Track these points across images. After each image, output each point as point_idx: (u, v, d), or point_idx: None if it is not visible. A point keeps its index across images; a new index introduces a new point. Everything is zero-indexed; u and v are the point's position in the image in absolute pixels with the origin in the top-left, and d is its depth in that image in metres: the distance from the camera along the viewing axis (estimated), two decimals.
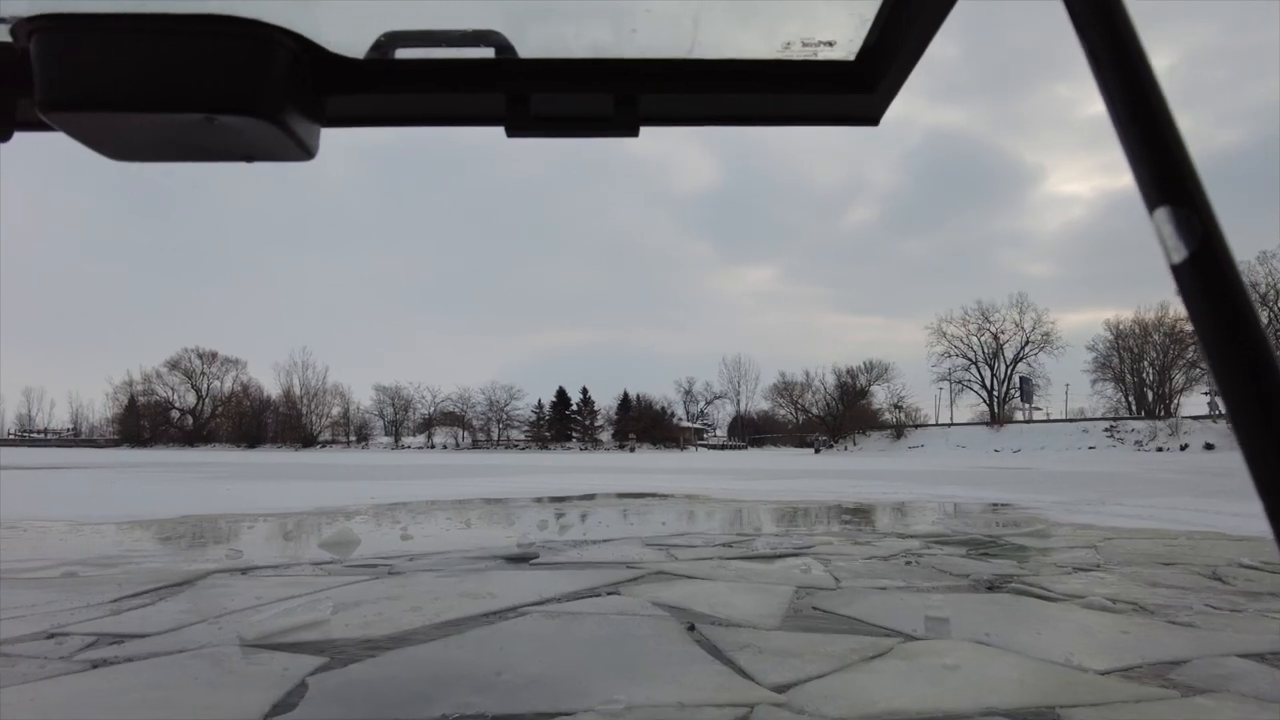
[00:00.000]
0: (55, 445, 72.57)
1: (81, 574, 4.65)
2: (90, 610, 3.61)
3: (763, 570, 4.88)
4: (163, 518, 8.14)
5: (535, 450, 74.60)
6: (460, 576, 4.63)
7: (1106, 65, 0.39)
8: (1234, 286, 0.35)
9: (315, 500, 10.93)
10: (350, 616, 3.50)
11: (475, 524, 7.75)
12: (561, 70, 0.76)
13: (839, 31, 0.74)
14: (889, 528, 7.70)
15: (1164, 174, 0.37)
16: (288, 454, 61.23)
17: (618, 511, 9.46)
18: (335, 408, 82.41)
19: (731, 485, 15.44)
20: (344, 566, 5.05)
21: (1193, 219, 0.36)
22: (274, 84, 0.68)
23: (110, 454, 49.09)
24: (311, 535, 6.81)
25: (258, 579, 4.52)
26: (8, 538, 6.54)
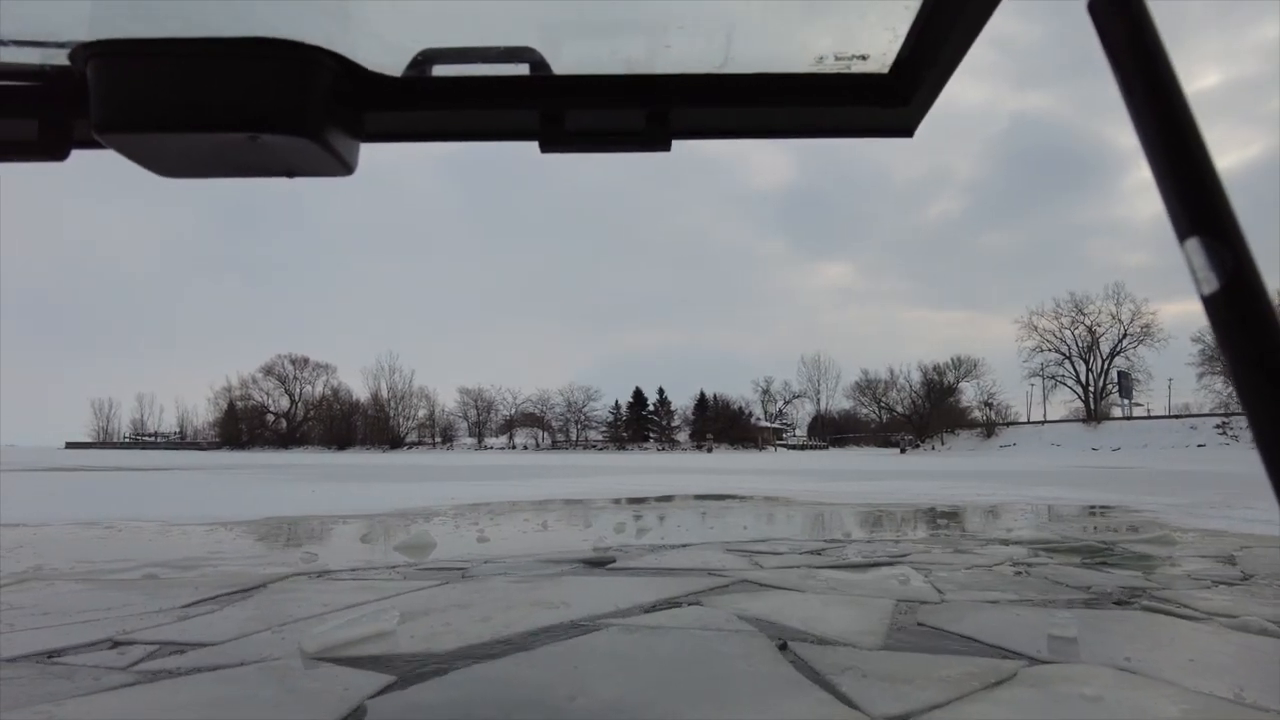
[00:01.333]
0: (164, 448, 76.72)
1: (161, 576, 4.63)
2: (159, 616, 3.53)
3: (857, 581, 4.51)
4: (248, 519, 8.25)
5: (612, 451, 74.83)
6: (533, 582, 4.41)
7: (1140, 95, 0.38)
8: (1265, 319, 0.34)
9: (397, 502, 10.99)
10: (417, 627, 3.32)
11: (552, 526, 7.57)
12: (595, 86, 0.76)
13: (873, 45, 0.73)
14: (990, 533, 7.17)
15: (1196, 205, 0.36)
16: (375, 455, 63.07)
17: (696, 514, 9.15)
18: (421, 410, 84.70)
19: (815, 487, 14.94)
20: (417, 570, 4.91)
21: (1224, 251, 0.35)
22: (315, 103, 0.70)
23: (210, 456, 51.52)
24: (389, 538, 6.74)
25: (329, 583, 4.41)
26: (105, 537, 6.68)
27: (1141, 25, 0.38)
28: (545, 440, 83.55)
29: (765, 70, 0.76)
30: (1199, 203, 0.36)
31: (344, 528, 7.67)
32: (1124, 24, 0.39)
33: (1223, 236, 0.36)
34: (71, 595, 4.06)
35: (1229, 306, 0.35)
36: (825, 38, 0.74)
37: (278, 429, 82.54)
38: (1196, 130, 0.37)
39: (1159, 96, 0.37)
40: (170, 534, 6.98)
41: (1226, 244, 0.35)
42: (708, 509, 9.85)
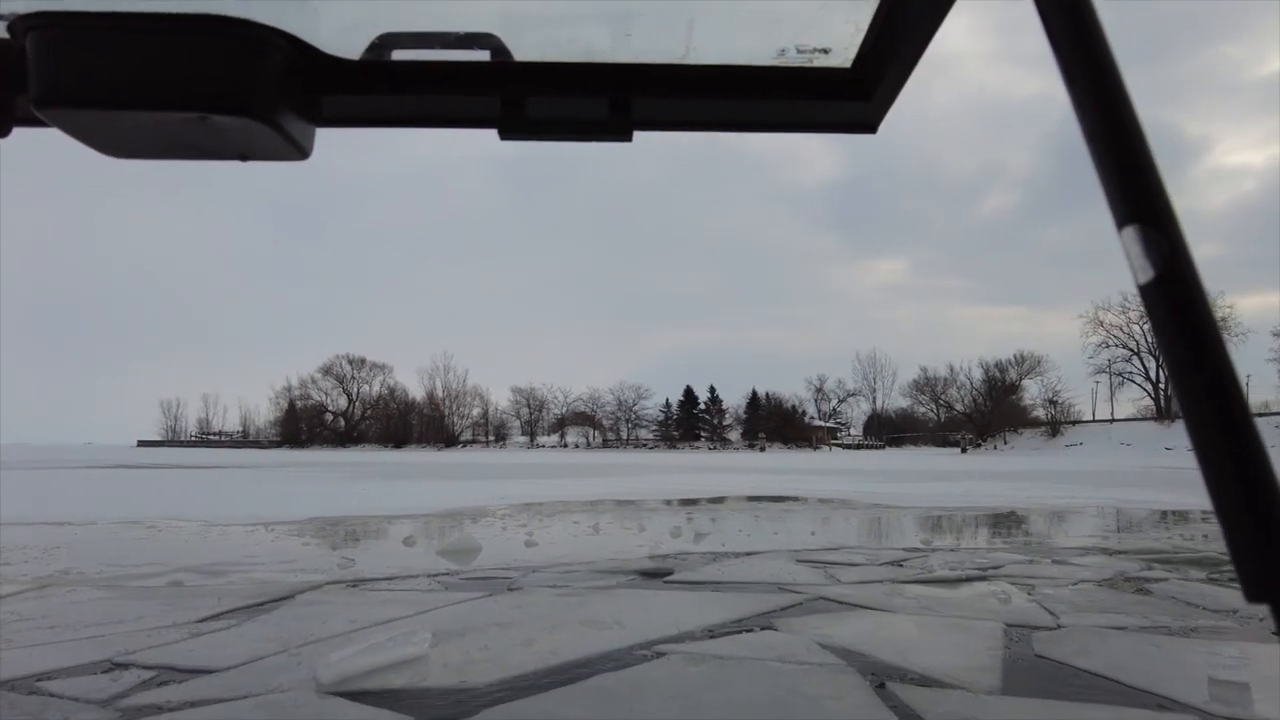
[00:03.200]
0: (227, 446, 78.76)
1: (186, 583, 4.31)
2: (169, 632, 3.17)
3: (951, 599, 3.95)
4: (291, 520, 8.00)
5: (663, 449, 74.30)
6: (583, 596, 3.97)
7: (1082, 85, 0.38)
8: (1199, 307, 0.34)
9: (447, 501, 10.69)
10: (451, 652, 2.89)
11: (604, 529, 7.13)
12: (556, 73, 0.75)
13: (834, 38, 0.72)
14: (1087, 541, 6.50)
15: (1133, 193, 0.36)
16: (430, 454, 63.71)
17: (757, 518, 8.62)
18: (475, 409, 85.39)
19: (878, 489, 14.24)
20: (459, 579, 4.51)
21: (1160, 239, 0.35)
22: (267, 84, 0.67)
23: (270, 454, 52.57)
24: (433, 541, 6.38)
25: (362, 594, 4.02)
26: (143, 539, 6.46)
27: (1085, 17, 0.39)
28: (596, 439, 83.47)
29: (727, 62, 0.76)
30: (1137, 192, 0.36)
31: (388, 529, 7.35)
32: (1068, 16, 0.39)
33: (1159, 225, 0.35)
34: (86, 605, 3.75)
35: (1164, 294, 0.35)
36: (786, 30, 0.73)
37: (336, 428, 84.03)
38: (1136, 121, 0.37)
39: (1101, 87, 0.38)
40: (209, 535, 6.73)
41: (1162, 232, 0.35)
42: (768, 512, 9.30)
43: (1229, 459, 0.32)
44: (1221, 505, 0.32)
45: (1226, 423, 0.33)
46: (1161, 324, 0.35)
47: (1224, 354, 0.34)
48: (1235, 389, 0.33)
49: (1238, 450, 0.32)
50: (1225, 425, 0.33)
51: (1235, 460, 0.32)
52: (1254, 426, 0.33)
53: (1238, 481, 0.32)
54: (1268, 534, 0.31)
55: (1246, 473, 0.32)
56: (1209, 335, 0.34)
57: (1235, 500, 0.32)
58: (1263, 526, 0.31)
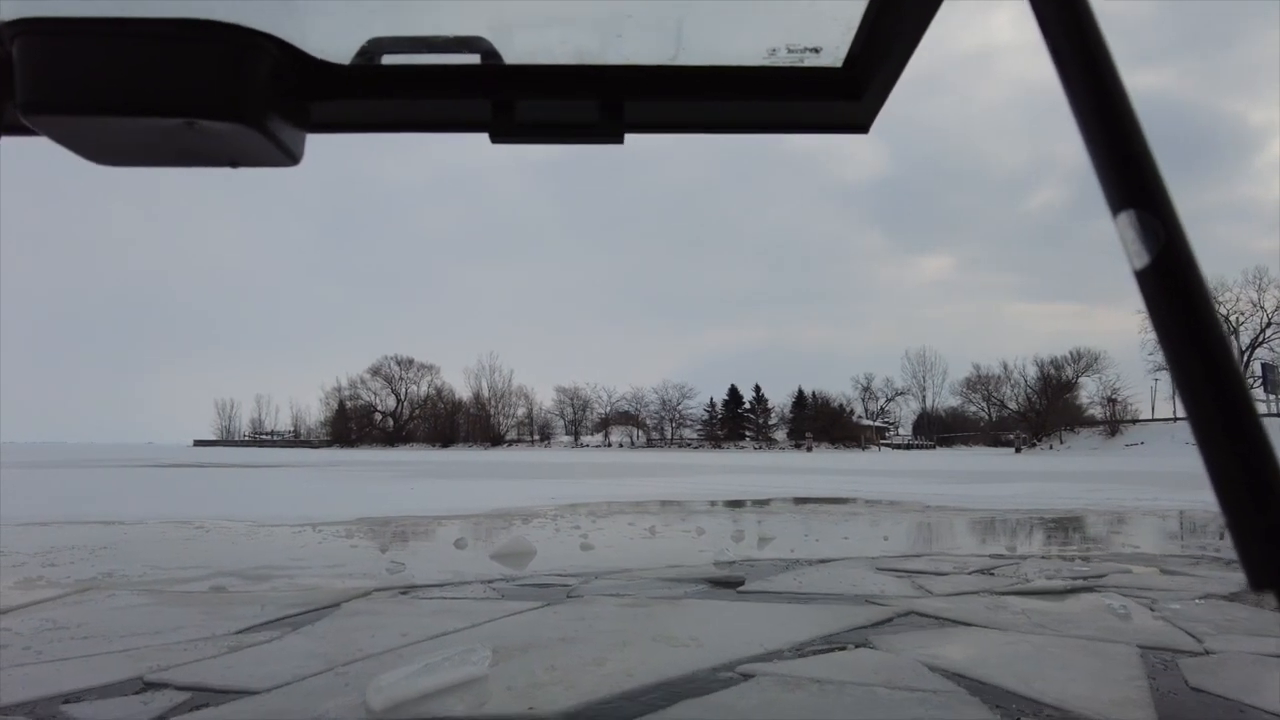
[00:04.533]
0: (279, 445, 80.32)
1: (228, 589, 4.08)
2: (207, 645, 2.91)
3: (1061, 613, 3.53)
4: (340, 520, 7.81)
5: (709, 449, 73.67)
6: (651, 607, 3.63)
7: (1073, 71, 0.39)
8: (1196, 291, 0.34)
9: (495, 501, 10.47)
10: (513, 672, 2.57)
11: (661, 532, 6.79)
12: (547, 76, 0.75)
13: (825, 38, 0.72)
14: (1193, 548, 5.97)
15: (1128, 179, 0.36)
16: (476, 453, 64.08)
17: (821, 521, 8.20)
18: (520, 408, 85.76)
19: (941, 490, 13.67)
20: (515, 586, 4.21)
21: (1155, 224, 0.35)
22: (256, 90, 0.66)
23: (320, 454, 53.31)
24: (485, 543, 6.10)
25: (414, 603, 3.74)
26: (190, 539, 6.31)
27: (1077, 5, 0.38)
28: (640, 439, 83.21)
29: (718, 63, 0.75)
30: (1131, 177, 0.36)
31: (438, 531, 7.11)
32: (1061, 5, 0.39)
33: (1153, 209, 0.35)
34: (123, 613, 3.52)
35: (1160, 279, 0.34)
36: (777, 29, 0.72)
37: (385, 427, 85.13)
38: (1130, 107, 0.37)
39: (1094, 75, 0.37)
40: (256, 536, 6.55)
41: (1158, 217, 0.35)
42: (831, 515, 8.87)
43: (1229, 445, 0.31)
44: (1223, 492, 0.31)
45: (1226, 408, 0.32)
46: (1158, 309, 0.34)
47: (1222, 338, 0.33)
48: (1234, 373, 0.33)
49: (1238, 436, 0.31)
50: (1225, 411, 0.32)
51: (1236, 446, 0.31)
52: (1254, 412, 0.31)
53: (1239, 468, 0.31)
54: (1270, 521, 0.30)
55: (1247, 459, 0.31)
56: (1206, 320, 0.33)
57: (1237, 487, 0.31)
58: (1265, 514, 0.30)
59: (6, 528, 6.99)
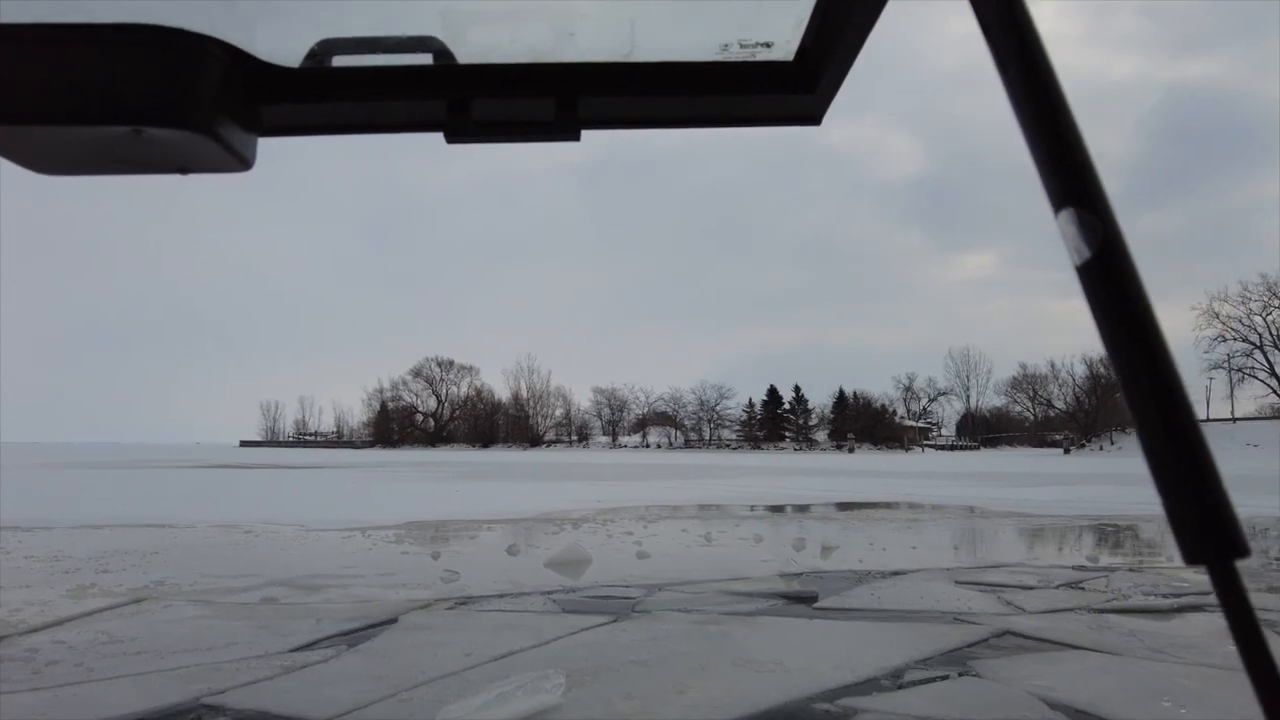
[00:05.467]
0: (322, 446, 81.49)
1: (282, 600, 3.94)
2: (262, 665, 2.75)
3: (1176, 636, 3.22)
4: (388, 524, 7.70)
5: (748, 450, 73.06)
6: (724, 625, 3.40)
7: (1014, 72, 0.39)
8: (1133, 287, 0.35)
9: (541, 504, 10.31)
10: (589, 701, 2.37)
11: (717, 540, 6.55)
12: (501, 75, 0.75)
13: (776, 32, 0.73)
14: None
15: (1068, 178, 0.37)
16: (516, 453, 64.33)
17: (884, 528, 7.88)
18: (558, 409, 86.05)
19: (997, 494, 13.21)
20: (576, 598, 4.01)
21: (1095, 222, 0.36)
22: (205, 95, 0.65)
23: (363, 454, 53.96)
24: (537, 549, 5.92)
25: (473, 616, 3.56)
26: (239, 544, 6.23)
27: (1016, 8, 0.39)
28: (678, 439, 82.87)
29: (672, 59, 0.75)
30: (1071, 176, 0.37)
31: (488, 536, 6.95)
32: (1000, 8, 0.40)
33: (1093, 208, 0.36)
34: (177, 625, 3.40)
35: (1100, 276, 0.36)
36: (728, 25, 0.73)
37: (426, 428, 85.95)
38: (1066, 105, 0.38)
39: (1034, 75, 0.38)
40: (305, 541, 6.46)
41: (1097, 215, 0.36)
42: (893, 521, 8.54)
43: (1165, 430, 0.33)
44: (1160, 475, 0.33)
45: (1162, 396, 0.34)
46: (1099, 304, 0.36)
47: (1157, 331, 0.35)
48: (1168, 364, 0.34)
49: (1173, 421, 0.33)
50: (1161, 399, 0.34)
51: (1171, 431, 0.33)
52: (1187, 399, 0.34)
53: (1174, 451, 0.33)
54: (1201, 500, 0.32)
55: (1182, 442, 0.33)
56: (1144, 313, 0.35)
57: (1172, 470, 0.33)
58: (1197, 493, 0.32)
59: (62, 530, 7.00)
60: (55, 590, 4.17)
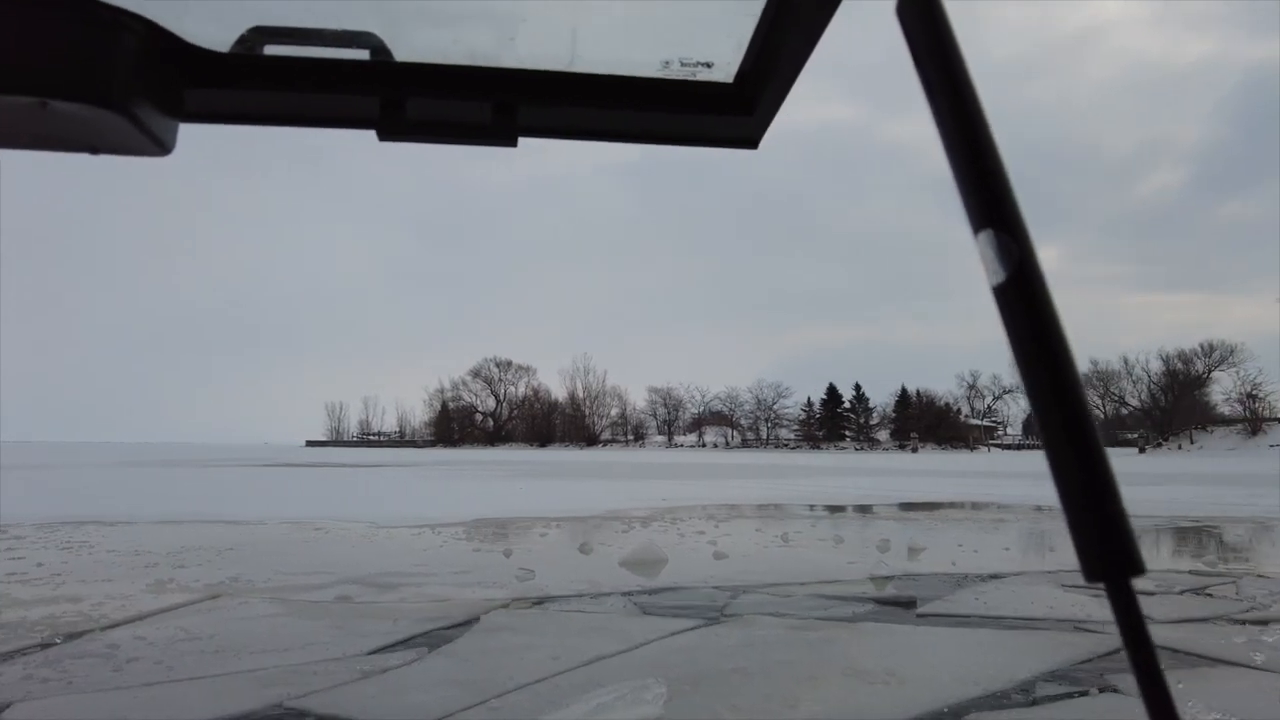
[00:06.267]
0: (386, 446, 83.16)
1: (355, 599, 3.84)
2: (341, 668, 2.62)
3: None
4: (456, 521, 7.63)
5: (807, 450, 72.05)
6: (823, 630, 3.17)
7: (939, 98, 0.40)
8: (1045, 308, 0.37)
9: (607, 501, 10.16)
10: (692, 712, 2.16)
11: (794, 540, 6.29)
12: (439, 75, 0.73)
13: (716, 53, 0.73)
14: None
15: (988, 200, 0.38)
16: (573, 452, 64.63)
17: (969, 528, 7.51)
18: (614, 409, 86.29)
19: None
20: (657, 600, 3.82)
21: (1011, 244, 0.37)
22: (119, 71, 0.62)
23: (425, 453, 54.82)
24: (609, 547, 5.75)
25: (555, 617, 3.40)
26: (310, 542, 6.21)
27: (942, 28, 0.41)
28: (734, 439, 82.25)
29: (613, 72, 0.74)
30: (991, 198, 0.38)
31: (557, 534, 6.81)
32: (927, 27, 0.41)
33: (1010, 230, 0.37)
34: (253, 624, 3.31)
35: (1015, 296, 0.37)
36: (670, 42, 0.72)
37: (485, 427, 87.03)
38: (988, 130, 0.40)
39: (957, 98, 0.40)
40: (375, 538, 6.40)
41: (1013, 237, 0.37)
42: (975, 521, 8.15)
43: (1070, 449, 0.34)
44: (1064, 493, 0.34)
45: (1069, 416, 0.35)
46: (1012, 323, 0.37)
47: (1067, 351, 0.36)
48: (1075, 384, 0.35)
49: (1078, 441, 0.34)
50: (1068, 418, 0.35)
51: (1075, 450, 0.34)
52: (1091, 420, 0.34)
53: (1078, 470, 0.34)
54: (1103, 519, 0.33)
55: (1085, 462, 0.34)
56: (1054, 333, 0.36)
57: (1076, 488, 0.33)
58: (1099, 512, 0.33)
59: (142, 525, 7.10)
60: (135, 585, 4.15)
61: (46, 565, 4.82)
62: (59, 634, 3.13)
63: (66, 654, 2.86)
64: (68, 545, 5.78)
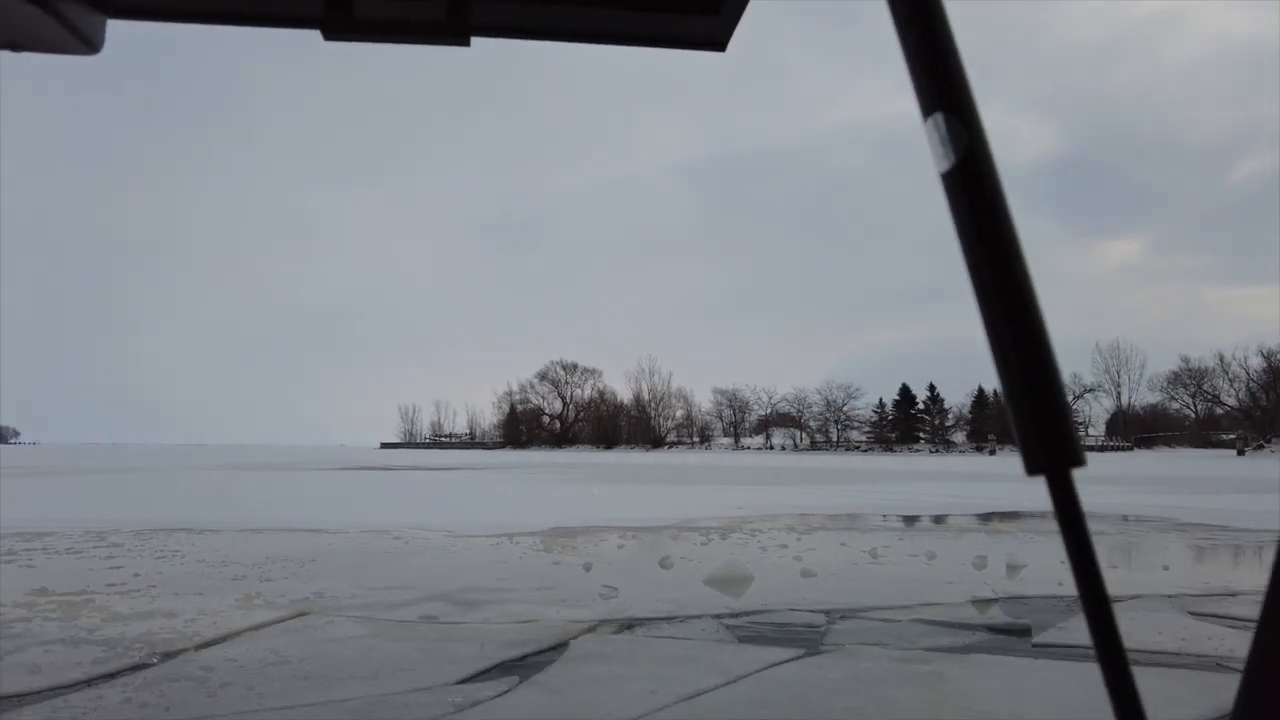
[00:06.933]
0: (456, 447, 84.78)
1: (440, 618, 3.78)
2: (434, 699, 2.53)
3: None
4: (533, 530, 7.59)
5: (879, 453, 70.50)
6: (934, 664, 2.95)
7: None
8: (994, 195, 0.36)
9: (680, 508, 10.01)
10: None
11: (884, 556, 6.03)
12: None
13: None
14: None
15: (939, 83, 0.37)
16: (640, 455, 64.69)
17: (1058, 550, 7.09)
18: (679, 411, 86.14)
19: (1182, 502, 11.88)
20: (749, 623, 3.65)
21: (960, 129, 0.36)
22: None
23: (495, 455, 55.62)
24: (690, 561, 5.59)
25: (646, 644, 3.26)
26: (390, 553, 6.23)
27: None
28: (803, 441, 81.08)
29: None
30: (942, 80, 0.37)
31: (635, 545, 6.69)
32: None
33: (960, 113, 0.36)
34: (342, 645, 3.26)
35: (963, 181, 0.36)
36: None
37: (552, 429, 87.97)
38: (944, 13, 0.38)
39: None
40: (455, 549, 6.39)
41: (964, 122, 0.36)
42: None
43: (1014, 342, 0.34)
44: (1007, 385, 0.33)
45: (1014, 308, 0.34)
46: (959, 210, 0.36)
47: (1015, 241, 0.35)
48: (1023, 276, 0.35)
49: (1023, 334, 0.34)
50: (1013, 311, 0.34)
51: (1020, 341, 0.34)
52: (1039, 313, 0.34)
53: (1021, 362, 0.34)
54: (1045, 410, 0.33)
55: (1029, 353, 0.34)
56: (1003, 222, 0.35)
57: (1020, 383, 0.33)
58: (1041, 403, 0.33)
59: (228, 534, 7.25)
60: (225, 599, 4.19)
61: (143, 576, 4.93)
62: (155, 652, 3.14)
63: (163, 675, 2.85)
64: (161, 554, 5.92)
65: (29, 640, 3.38)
